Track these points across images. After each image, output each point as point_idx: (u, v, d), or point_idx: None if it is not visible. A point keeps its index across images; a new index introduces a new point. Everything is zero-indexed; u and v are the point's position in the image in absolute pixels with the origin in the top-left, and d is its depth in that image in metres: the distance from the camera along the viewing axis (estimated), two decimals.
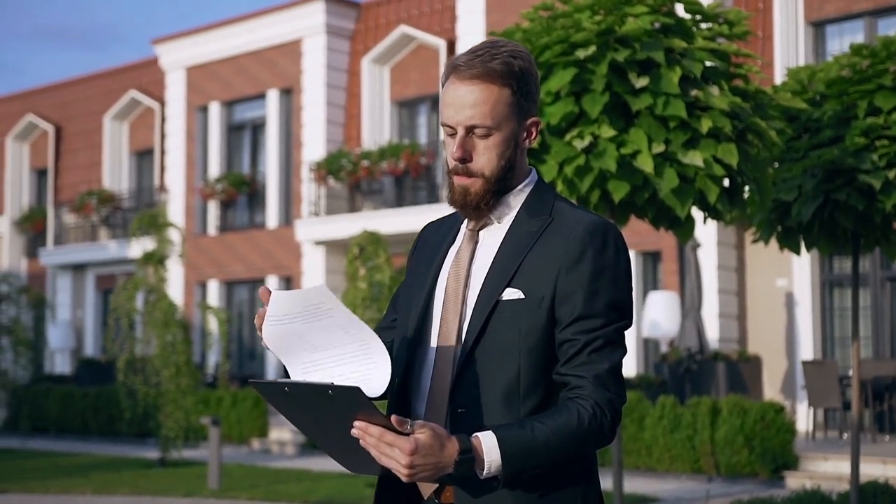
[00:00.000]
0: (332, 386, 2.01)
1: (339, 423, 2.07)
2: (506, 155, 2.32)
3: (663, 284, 17.24)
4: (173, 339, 15.25)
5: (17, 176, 28.06)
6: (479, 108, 2.27)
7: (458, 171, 2.33)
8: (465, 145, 2.30)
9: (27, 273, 27.44)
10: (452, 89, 2.30)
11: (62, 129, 27.29)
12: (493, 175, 2.31)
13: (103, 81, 26.51)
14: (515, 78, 2.29)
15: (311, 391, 2.04)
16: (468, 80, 2.28)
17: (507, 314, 2.26)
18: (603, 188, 6.43)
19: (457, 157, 2.31)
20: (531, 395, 2.26)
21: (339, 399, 2.02)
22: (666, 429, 13.35)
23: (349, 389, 2.00)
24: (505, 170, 2.32)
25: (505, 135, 2.30)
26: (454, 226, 2.48)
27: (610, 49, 6.31)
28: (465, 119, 2.28)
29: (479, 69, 2.27)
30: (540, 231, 2.31)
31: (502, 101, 2.28)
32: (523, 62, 2.32)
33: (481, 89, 2.27)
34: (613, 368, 2.25)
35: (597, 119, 6.31)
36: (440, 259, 2.45)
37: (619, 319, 2.28)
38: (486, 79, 2.27)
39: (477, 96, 2.27)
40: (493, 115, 2.28)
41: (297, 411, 2.14)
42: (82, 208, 25.08)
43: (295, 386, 2.06)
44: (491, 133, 2.29)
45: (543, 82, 6.36)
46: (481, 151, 2.30)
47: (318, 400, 2.04)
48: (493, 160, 2.31)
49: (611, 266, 2.28)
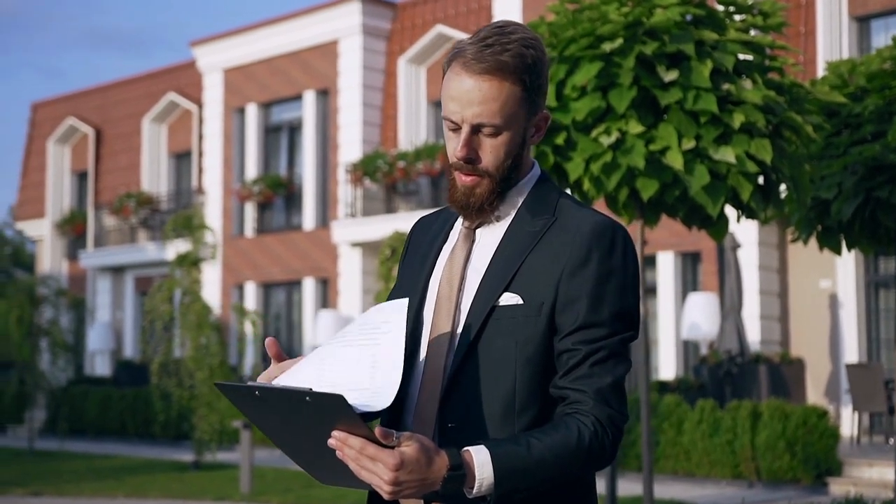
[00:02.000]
0: (310, 392, 1.83)
1: (314, 432, 1.89)
2: (513, 153, 2.13)
3: (703, 285, 16.94)
4: (207, 341, 15.18)
5: (58, 179, 28.23)
6: (488, 105, 2.07)
7: (461, 169, 2.14)
8: (470, 143, 2.11)
9: (68, 275, 27.58)
10: (458, 81, 2.09)
11: (102, 131, 27.42)
12: (500, 174, 2.13)
13: (142, 84, 26.60)
14: (528, 72, 2.08)
15: (285, 397, 1.87)
16: (476, 75, 2.07)
17: (503, 321, 2.08)
18: (631, 186, 6.22)
19: (461, 156, 2.11)
20: (528, 409, 2.07)
21: (318, 407, 1.84)
22: (705, 433, 13.07)
23: (331, 396, 1.82)
24: (510, 169, 2.14)
25: (513, 133, 2.11)
26: (448, 221, 2.29)
27: (638, 42, 6.10)
28: (471, 116, 2.08)
29: (490, 62, 2.06)
30: (542, 231, 2.12)
31: (513, 98, 2.08)
32: (535, 52, 2.11)
33: (491, 85, 2.06)
34: (616, 383, 2.06)
35: (624, 114, 6.11)
36: (433, 259, 2.26)
37: (624, 330, 2.08)
38: (496, 74, 2.06)
39: (486, 93, 2.07)
40: (503, 114, 2.08)
41: (267, 417, 1.96)
42: (121, 210, 25.17)
43: (267, 390, 1.88)
44: (500, 132, 2.10)
45: (569, 77, 6.16)
46: (488, 150, 2.11)
47: (292, 407, 1.87)
48: (499, 159, 2.12)
49: (618, 271, 2.08)
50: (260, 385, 1.90)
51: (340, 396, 1.81)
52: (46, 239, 28.16)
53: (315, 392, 1.82)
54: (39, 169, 28.76)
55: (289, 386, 1.88)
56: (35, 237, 29.07)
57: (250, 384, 1.91)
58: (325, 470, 1.98)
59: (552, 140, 6.23)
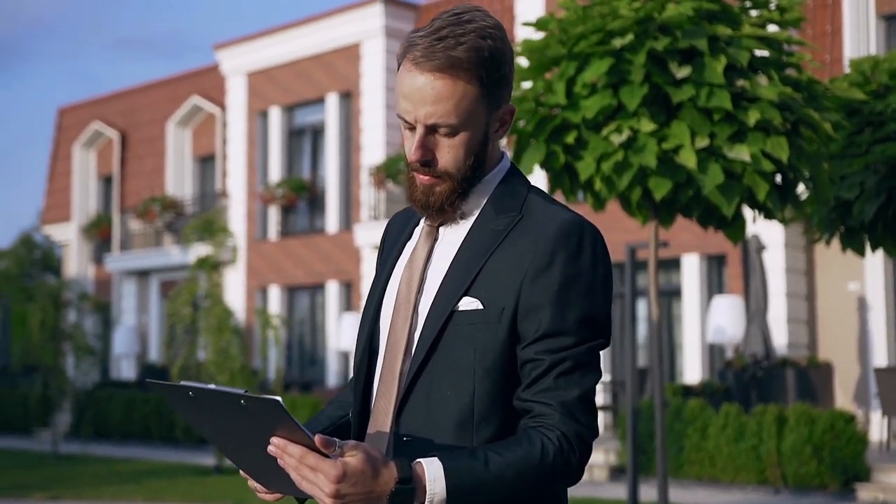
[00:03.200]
0: (245, 395, 1.72)
1: (254, 437, 1.79)
2: (474, 151, 1.99)
3: (728, 288, 16.72)
4: (227, 344, 15.12)
5: (84, 183, 28.33)
6: (442, 104, 1.93)
7: (418, 171, 2.01)
8: (425, 144, 1.97)
9: (94, 279, 27.66)
10: (409, 78, 1.95)
11: (127, 135, 27.49)
12: (460, 174, 1.99)
13: (167, 88, 26.64)
14: (485, 66, 1.94)
15: (220, 399, 1.76)
16: (428, 72, 1.92)
17: (463, 327, 1.94)
18: (643, 185, 6.06)
19: (416, 158, 1.97)
20: (487, 423, 1.93)
21: (254, 412, 1.74)
22: (730, 438, 12.86)
23: (267, 402, 1.71)
24: (473, 168, 2.00)
25: (473, 132, 1.97)
26: (416, 217, 2.16)
27: (649, 37, 5.95)
28: (425, 116, 1.95)
29: (442, 59, 1.91)
30: (507, 230, 1.98)
31: (469, 96, 1.94)
32: (493, 42, 1.95)
33: (444, 83, 1.92)
34: (584, 396, 1.91)
35: (636, 112, 5.96)
36: (395, 258, 2.13)
37: (592, 338, 1.93)
38: (449, 71, 1.91)
39: (439, 91, 1.92)
40: (458, 112, 1.94)
41: (205, 419, 1.87)
42: (146, 214, 25.22)
43: (202, 391, 1.78)
44: (456, 132, 1.96)
45: (579, 74, 6.01)
46: (445, 150, 1.98)
47: (228, 410, 1.77)
48: (459, 159, 1.98)
49: (585, 274, 1.93)
50: (193, 385, 1.80)
51: (276, 401, 1.70)
52: (73, 243, 28.27)
53: (250, 396, 1.72)
54: (66, 173, 28.88)
55: (223, 388, 1.77)
56: (62, 241, 29.19)
57: (183, 383, 1.82)
58: (270, 477, 1.87)
59: (562, 139, 6.09)
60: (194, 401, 1.82)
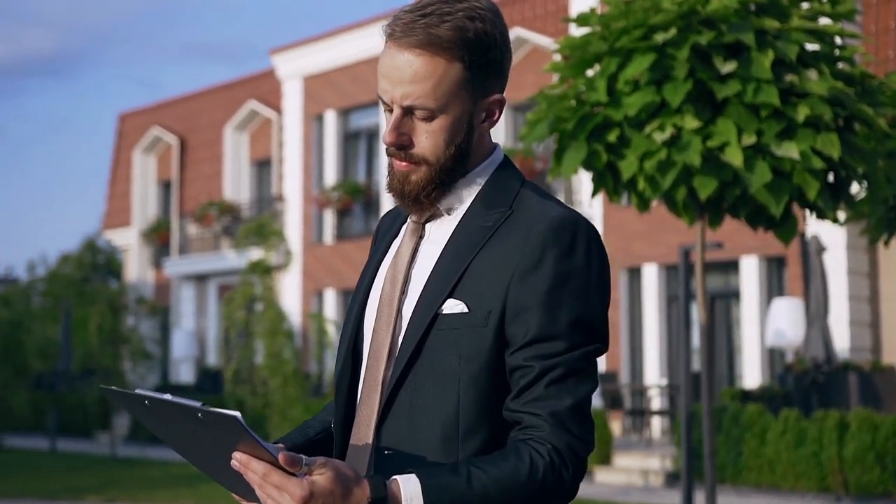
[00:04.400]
0: (202, 409, 1.62)
1: (217, 449, 1.70)
2: (454, 141, 1.85)
3: (788, 290, 16.36)
4: (281, 348, 15.12)
5: (143, 188, 28.62)
6: (419, 85, 1.79)
7: (394, 155, 1.87)
8: (400, 127, 1.83)
9: (154, 283, 27.92)
10: (388, 56, 1.82)
11: (186, 140, 27.73)
12: (439, 164, 1.85)
13: (224, 93, 26.82)
14: (469, 48, 1.80)
15: (178, 410, 1.66)
16: (406, 49, 1.80)
17: (447, 332, 1.79)
18: (688, 185, 5.87)
19: (389, 141, 1.84)
20: (474, 435, 1.78)
21: (212, 425, 1.64)
22: (790, 444, 12.56)
23: (224, 416, 1.60)
24: (454, 159, 1.85)
25: (453, 118, 1.83)
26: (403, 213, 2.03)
27: (693, 32, 5.76)
28: (401, 97, 1.81)
29: (421, 36, 1.78)
30: (495, 227, 1.83)
31: (450, 78, 1.80)
32: (483, 24, 1.81)
33: (423, 62, 1.79)
34: (578, 405, 1.75)
35: (679, 109, 5.78)
36: (380, 256, 2.00)
37: (586, 342, 1.78)
38: (428, 49, 1.78)
39: (417, 70, 1.79)
40: (437, 96, 1.80)
41: (166, 429, 1.77)
42: (203, 219, 25.40)
43: (157, 402, 1.69)
44: (434, 116, 1.82)
45: (621, 70, 5.83)
46: (423, 136, 1.84)
47: (187, 421, 1.68)
48: (438, 146, 1.84)
49: (578, 273, 1.78)
50: (149, 394, 1.69)
51: (233, 417, 1.59)
52: (133, 248, 28.57)
53: (206, 409, 1.61)
54: (126, 179, 29.21)
55: (179, 399, 1.66)
56: (122, 246, 29.52)
57: (139, 392, 1.71)
58: (242, 488, 1.77)
59: (604, 137, 5.92)
60: (152, 410, 1.72)
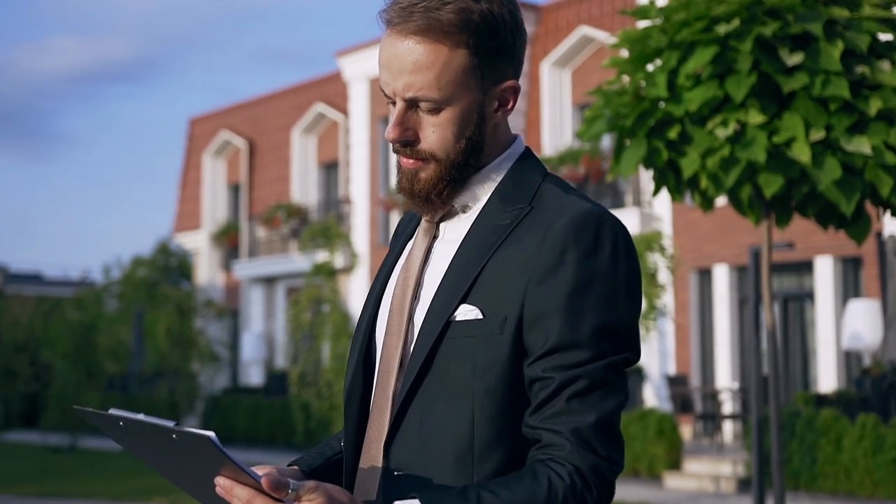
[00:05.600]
0: (175, 429, 1.50)
1: (197, 471, 1.59)
2: (465, 134, 1.69)
3: (865, 292, 15.87)
4: (345, 350, 15.09)
5: (213, 191, 28.86)
6: (421, 75, 1.64)
7: (399, 152, 1.72)
8: (404, 122, 1.68)
9: (224, 286, 28.13)
10: (388, 45, 1.67)
11: (254, 143, 27.89)
12: (449, 159, 1.69)
13: (291, 96, 26.93)
14: (475, 32, 1.64)
15: (153, 431, 1.56)
16: (405, 37, 1.65)
17: (460, 340, 1.63)
18: (753, 182, 5.62)
19: (392, 137, 1.69)
20: (491, 453, 1.62)
21: (188, 446, 1.53)
22: (867, 450, 12.17)
23: (198, 437, 1.49)
24: (465, 153, 1.70)
25: (461, 109, 1.67)
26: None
27: (757, 23, 5.52)
28: (403, 88, 1.66)
29: (420, 21, 1.63)
30: (513, 225, 1.67)
31: (454, 65, 1.65)
32: (489, 5, 1.66)
33: (425, 49, 1.64)
34: (603, 421, 1.58)
35: (743, 103, 5.54)
36: (394, 259, 1.84)
37: (612, 351, 1.60)
38: (429, 35, 1.63)
39: (417, 58, 1.64)
40: (442, 85, 1.65)
41: (143, 449, 1.67)
42: (271, 221, 25.52)
43: (132, 422, 1.58)
44: (440, 108, 1.67)
45: (681, 64, 5.61)
46: (429, 129, 1.68)
47: (162, 442, 1.57)
48: (446, 140, 1.68)
49: (604, 274, 1.61)
50: (123, 415, 1.58)
51: (208, 437, 1.47)
52: (203, 251, 28.81)
53: (181, 430, 1.49)
54: (196, 182, 29.49)
55: (153, 420, 1.54)
56: (193, 249, 29.80)
57: (112, 412, 1.59)
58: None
59: (665, 134, 5.70)
60: (127, 431, 1.61)
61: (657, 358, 18.36)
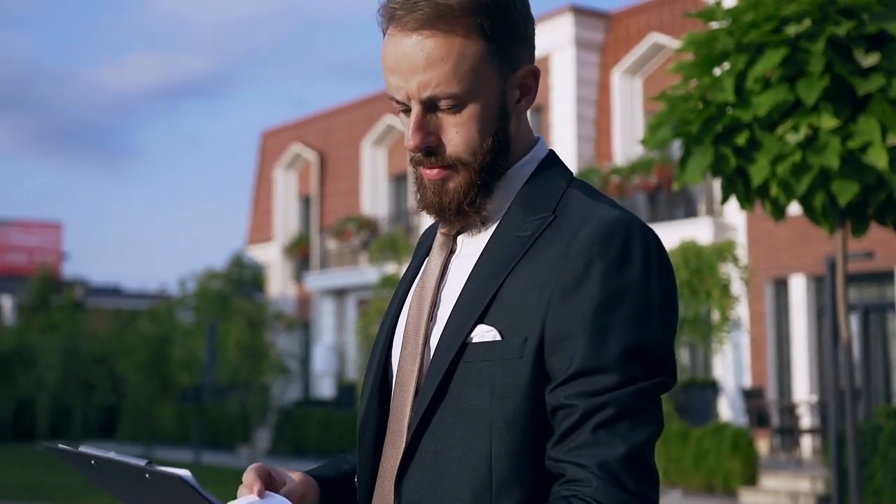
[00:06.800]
0: (149, 469, 1.42)
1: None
2: (491, 130, 1.53)
3: None
4: None
5: (285, 204, 29.04)
6: (437, 69, 1.49)
7: (422, 163, 1.56)
8: (425, 127, 1.53)
9: (296, 298, 28.25)
10: (393, 45, 1.52)
11: (325, 156, 28.01)
12: (478, 161, 1.53)
13: (361, 109, 27.01)
14: (487, 14, 1.50)
15: (126, 470, 1.48)
16: (413, 31, 1.50)
17: (477, 364, 1.48)
18: (826, 189, 5.38)
19: (414, 145, 1.53)
20: (509, 490, 1.46)
21: (162, 486, 1.44)
22: None
23: (171, 477, 1.40)
24: (494, 152, 1.54)
25: (484, 102, 1.52)
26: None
27: (829, 22, 5.28)
28: (418, 88, 1.50)
29: (427, 10, 1.48)
30: (534, 236, 1.51)
31: (470, 53, 1.50)
32: None
33: (436, 41, 1.49)
34: (634, 453, 1.40)
35: (815, 107, 5.30)
36: (411, 276, 1.69)
37: (644, 376, 1.43)
38: (439, 24, 1.48)
39: (430, 52, 1.49)
40: (461, 77, 1.49)
41: (115, 485, 1.58)
42: (342, 234, 25.59)
43: (103, 461, 1.49)
44: (463, 104, 1.51)
45: (750, 67, 5.39)
46: (453, 131, 1.52)
47: (137, 482, 1.49)
48: (472, 140, 1.52)
49: (633, 289, 1.44)
50: (94, 453, 1.49)
51: (178, 477, 1.38)
52: (275, 263, 28.99)
53: (153, 470, 1.41)
54: (268, 195, 29.70)
55: (125, 458, 1.45)
56: (265, 261, 30.01)
57: (83, 451, 1.51)
58: None
59: (732, 140, 5.48)
60: (100, 470, 1.52)
61: (732, 370, 17.96)
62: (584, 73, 21.04)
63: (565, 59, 21.09)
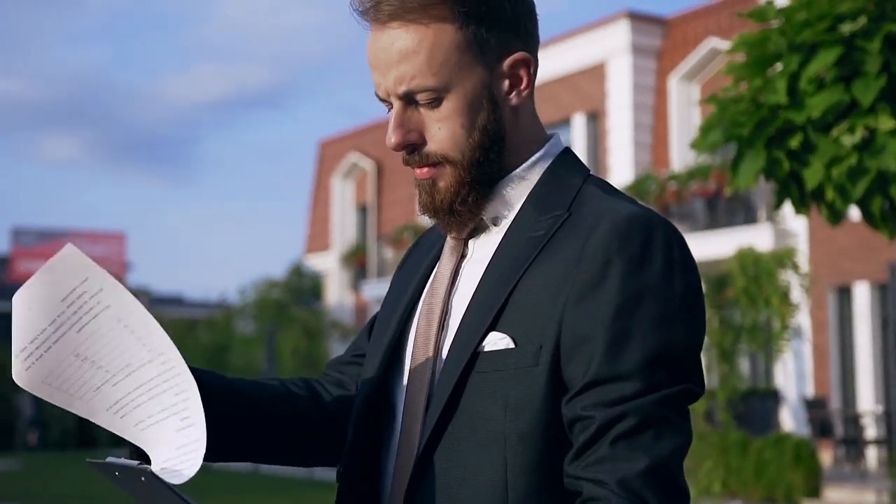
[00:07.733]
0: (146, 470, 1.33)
1: None
2: (477, 123, 1.44)
3: None
4: None
5: (342, 213, 29.16)
6: (410, 62, 1.42)
7: (408, 162, 1.50)
8: (405, 124, 1.46)
9: (353, 307, 28.31)
10: (371, 42, 1.46)
11: (382, 165, 28.07)
12: (465, 157, 1.45)
13: None
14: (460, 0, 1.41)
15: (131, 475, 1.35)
16: (384, 24, 1.42)
17: (490, 375, 1.38)
18: (885, 193, 5.20)
19: (394, 144, 1.47)
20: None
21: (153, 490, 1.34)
22: None
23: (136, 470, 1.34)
24: (483, 147, 1.45)
25: (466, 94, 1.43)
26: None
27: (887, 20, 5.11)
28: (394, 83, 1.43)
29: (395, 1, 1.41)
30: (548, 236, 1.42)
31: (445, 44, 1.41)
32: None
33: (407, 32, 1.41)
34: (657, 467, 1.29)
35: (872, 108, 5.13)
36: (419, 280, 1.60)
37: (669, 382, 1.33)
38: (409, 14, 1.41)
39: (402, 45, 1.42)
40: (436, 69, 1.42)
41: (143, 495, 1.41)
42: (399, 242, 25.62)
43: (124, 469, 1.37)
44: (440, 97, 1.43)
45: (803, 67, 5.23)
46: (436, 127, 1.45)
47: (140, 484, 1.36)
48: (456, 135, 1.44)
49: (655, 289, 1.34)
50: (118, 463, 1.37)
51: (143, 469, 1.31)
52: (333, 272, 29.10)
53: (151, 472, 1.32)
54: (326, 204, 29.84)
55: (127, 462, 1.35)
56: (323, 270, 30.13)
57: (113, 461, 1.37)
58: None
59: (786, 143, 5.32)
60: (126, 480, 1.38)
61: (794, 380, 17.62)
62: (641, 79, 20.84)
63: (622, 65, 20.91)
